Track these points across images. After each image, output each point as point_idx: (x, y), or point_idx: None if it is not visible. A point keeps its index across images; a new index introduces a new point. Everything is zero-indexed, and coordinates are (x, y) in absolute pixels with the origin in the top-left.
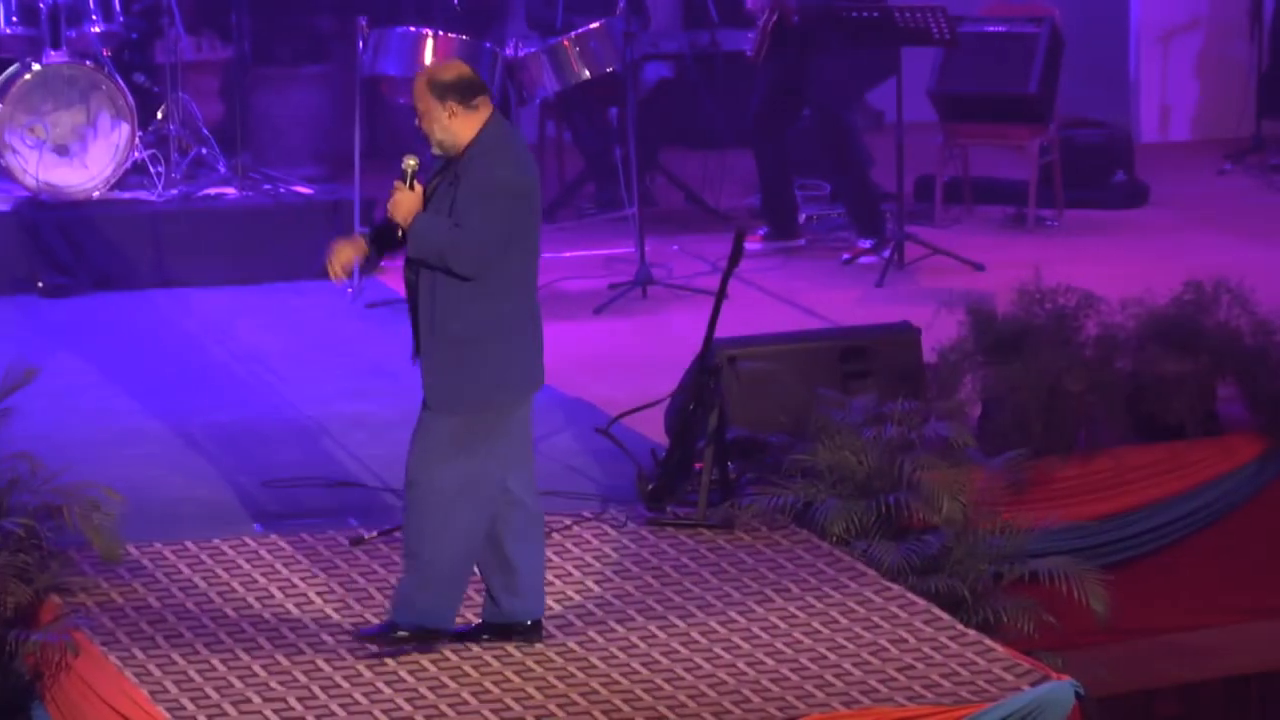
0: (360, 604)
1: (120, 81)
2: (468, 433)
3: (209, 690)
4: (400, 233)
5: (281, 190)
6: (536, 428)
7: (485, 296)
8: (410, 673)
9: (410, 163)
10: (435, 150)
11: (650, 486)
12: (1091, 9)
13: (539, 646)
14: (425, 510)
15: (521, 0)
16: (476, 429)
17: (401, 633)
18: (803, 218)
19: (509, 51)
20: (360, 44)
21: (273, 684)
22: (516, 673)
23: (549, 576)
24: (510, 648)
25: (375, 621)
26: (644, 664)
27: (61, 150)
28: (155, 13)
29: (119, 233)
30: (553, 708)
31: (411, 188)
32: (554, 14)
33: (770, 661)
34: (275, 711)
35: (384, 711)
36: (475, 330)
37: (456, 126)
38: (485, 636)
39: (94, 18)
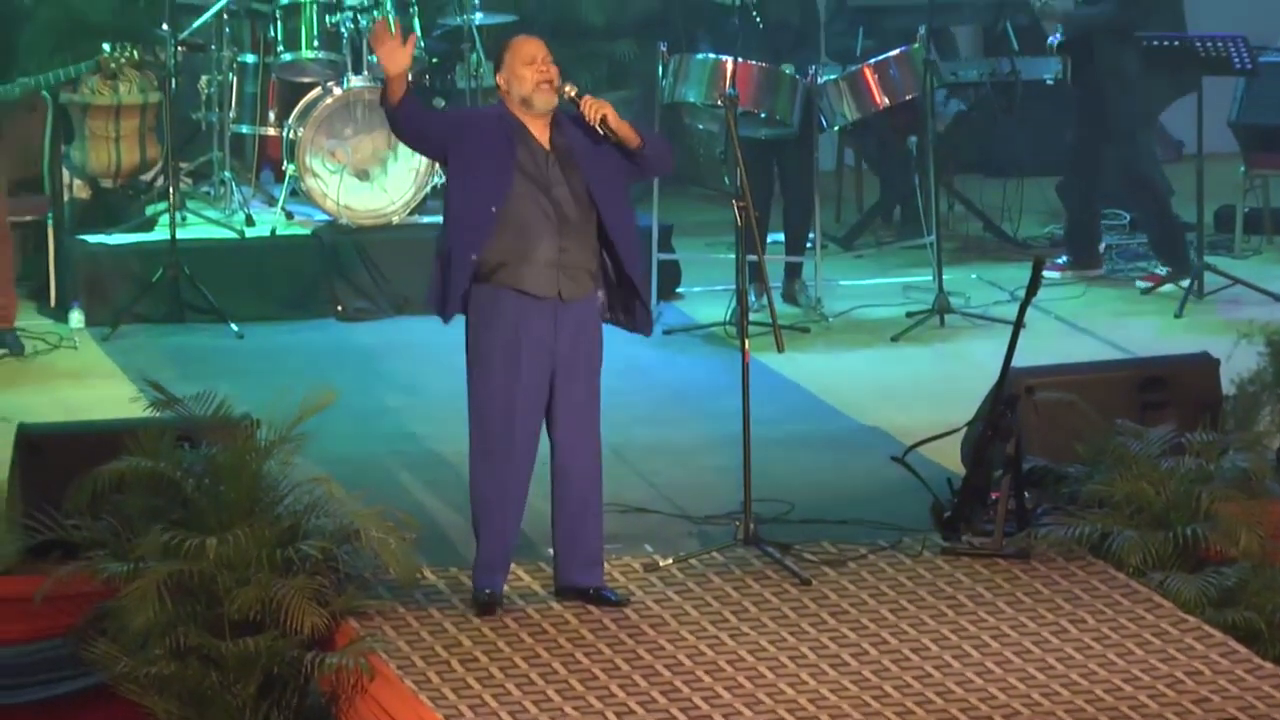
0: (655, 630)
1: None
2: None
3: (504, 715)
4: (607, 133)
5: None
6: (832, 456)
7: None
8: (705, 699)
9: (571, 89)
10: (545, 107)
11: (946, 515)
12: None
13: (832, 674)
14: None
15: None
16: None
17: None
18: (1102, 247)
19: (809, 78)
20: (661, 70)
21: (567, 709)
22: (811, 701)
23: (844, 605)
24: (826, 665)
25: (668, 646)
26: (938, 694)
27: (362, 175)
28: (457, 38)
29: (418, 257)
30: None
31: None
32: (853, 41)
33: (1065, 693)
34: None
35: None
36: None
37: None
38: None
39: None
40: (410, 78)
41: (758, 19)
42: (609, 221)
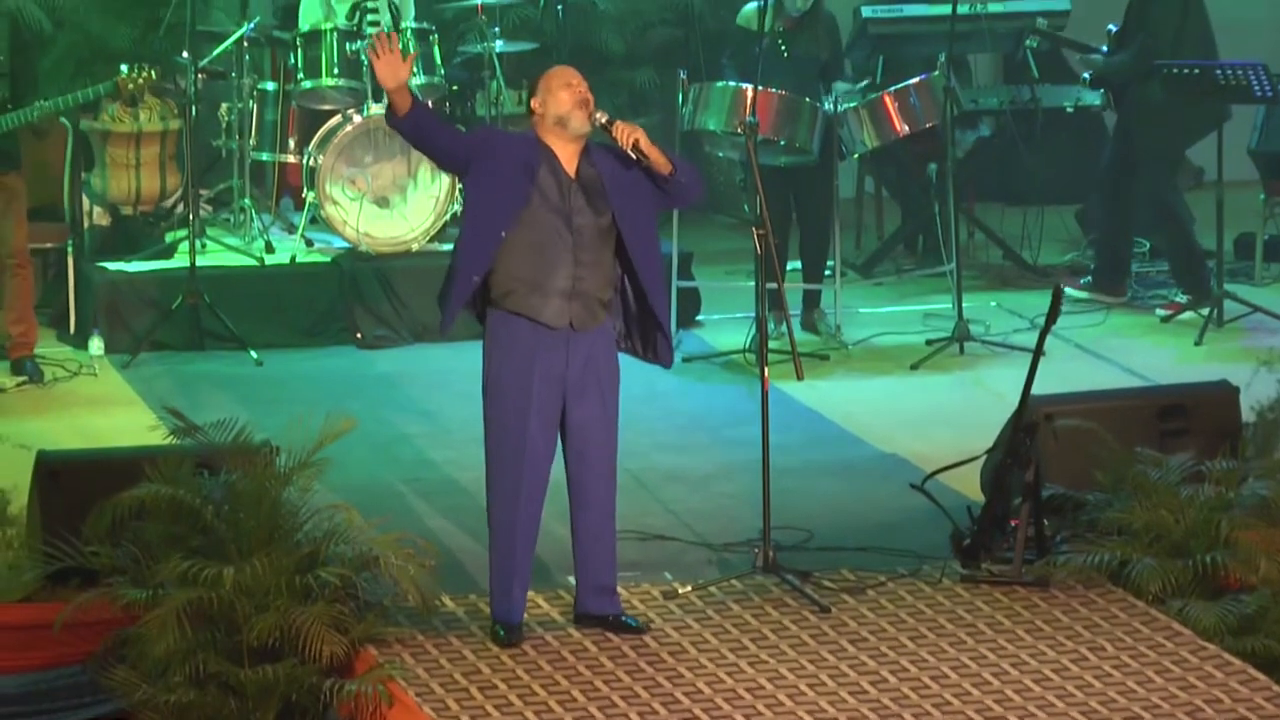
0: (674, 657)
1: None
2: None
3: None
4: (639, 157)
5: None
6: (851, 483)
7: None
8: None
9: (603, 115)
10: (579, 128)
11: (965, 543)
12: None
13: (852, 701)
14: None
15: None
16: None
17: None
18: None
19: (829, 106)
20: (681, 98)
21: None
22: None
23: (863, 633)
24: (845, 693)
25: (687, 674)
26: None
27: (381, 202)
28: (477, 65)
29: (438, 285)
30: None
31: None
32: (874, 67)
33: None
34: None
35: None
36: None
37: None
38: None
39: (415, 70)
40: (424, 98)
41: (783, 48)
42: (634, 253)
